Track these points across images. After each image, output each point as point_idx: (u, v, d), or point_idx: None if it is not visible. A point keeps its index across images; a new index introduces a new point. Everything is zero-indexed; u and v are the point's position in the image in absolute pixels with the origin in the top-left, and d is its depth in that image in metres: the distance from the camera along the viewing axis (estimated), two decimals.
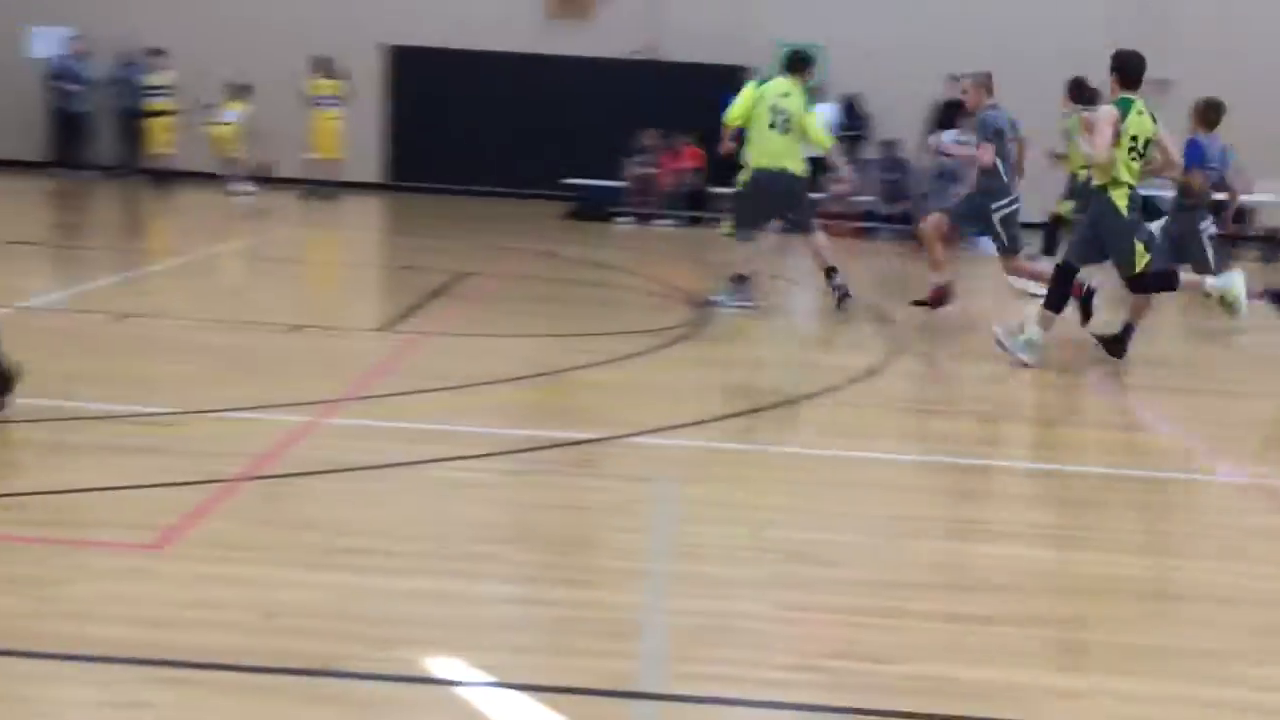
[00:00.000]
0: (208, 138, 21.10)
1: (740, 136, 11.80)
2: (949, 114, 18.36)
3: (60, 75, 21.60)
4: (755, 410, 8.03)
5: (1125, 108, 9.39)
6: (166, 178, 21.10)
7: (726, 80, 21.34)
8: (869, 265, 16.31)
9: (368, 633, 4.33)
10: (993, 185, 11.11)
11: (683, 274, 14.95)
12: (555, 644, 4.41)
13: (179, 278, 12.75)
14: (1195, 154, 10.69)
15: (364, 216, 20.37)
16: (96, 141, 22.39)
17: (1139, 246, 9.54)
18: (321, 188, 20.62)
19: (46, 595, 4.47)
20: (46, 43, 22.37)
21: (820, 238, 11.99)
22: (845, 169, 13.04)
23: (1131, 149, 9.38)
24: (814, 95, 21.50)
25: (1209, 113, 11.07)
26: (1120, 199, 9.42)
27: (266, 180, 20.87)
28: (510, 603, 4.81)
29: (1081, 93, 13.52)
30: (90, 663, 4.00)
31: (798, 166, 11.73)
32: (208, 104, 21.02)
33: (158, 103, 21.28)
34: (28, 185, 20.35)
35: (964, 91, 11.70)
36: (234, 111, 20.99)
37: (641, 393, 8.52)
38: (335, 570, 4.86)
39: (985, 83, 11.40)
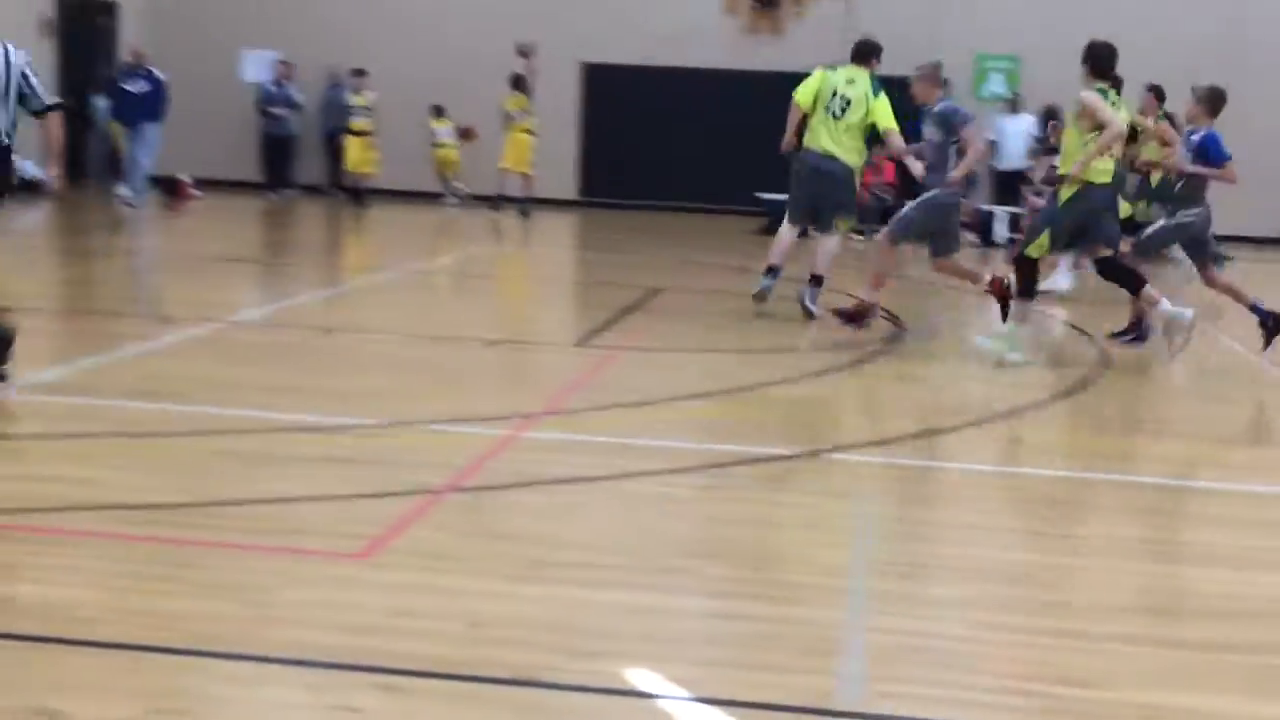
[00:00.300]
0: (432, 159, 21.78)
1: (801, 128, 11.44)
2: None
3: (266, 99, 22.36)
4: (953, 427, 7.91)
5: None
6: (367, 196, 21.69)
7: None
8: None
9: (569, 644, 4.37)
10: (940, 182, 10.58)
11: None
12: (752, 659, 4.39)
13: (381, 293, 13.08)
14: (1217, 148, 10.28)
15: (559, 232, 20.64)
16: (302, 162, 23.16)
17: (1044, 235, 9.62)
18: (517, 203, 20.97)
19: (257, 601, 4.61)
20: (256, 66, 23.19)
21: (830, 243, 11.53)
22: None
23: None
24: (1012, 106, 21.24)
25: (1217, 102, 10.58)
26: (1065, 190, 9.53)
27: (467, 196, 21.38)
28: (707, 617, 4.81)
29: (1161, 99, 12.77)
30: (300, 667, 4.11)
31: (851, 158, 11.34)
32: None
33: (359, 122, 21.88)
34: (239, 205, 21.11)
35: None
36: (445, 129, 21.51)
37: (836, 408, 8.47)
38: (536, 582, 4.92)
39: (932, 74, 10.93)
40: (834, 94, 11.25)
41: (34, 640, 4.18)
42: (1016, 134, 20.86)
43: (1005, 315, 10.24)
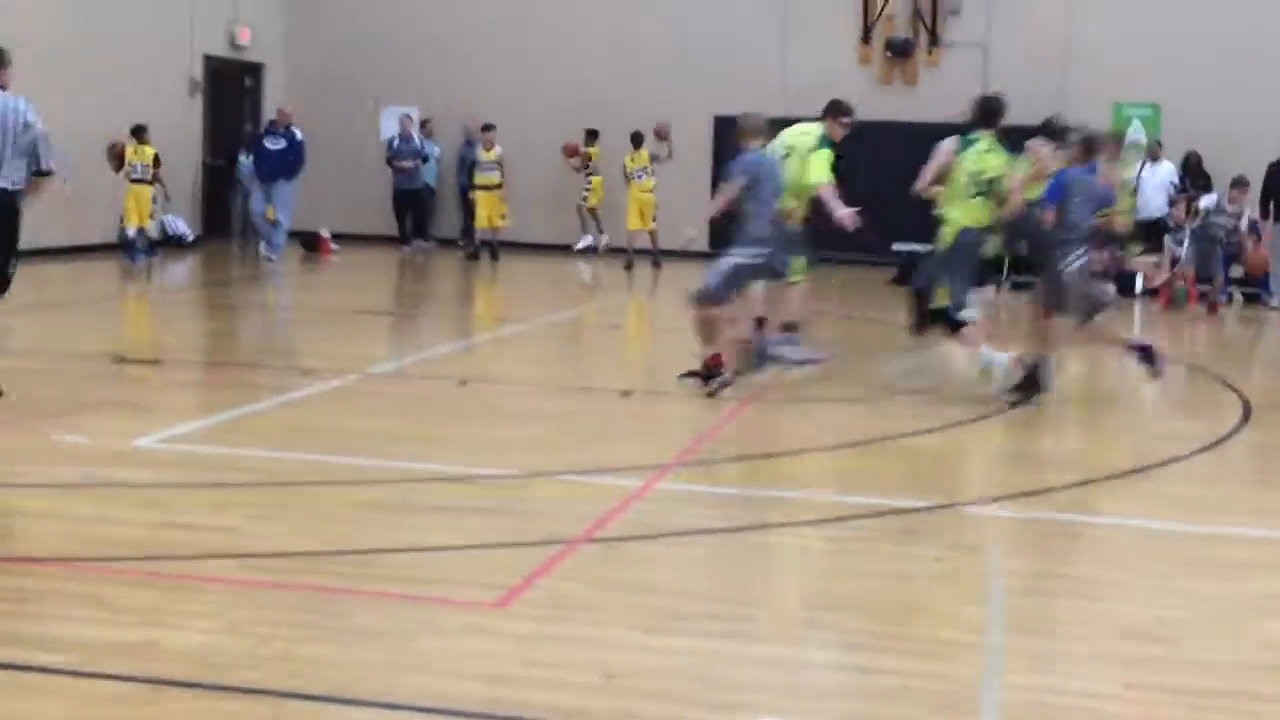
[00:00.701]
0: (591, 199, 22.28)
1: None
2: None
3: (392, 153, 22.73)
4: (1090, 480, 7.77)
5: (966, 145, 9.94)
6: (498, 248, 21.96)
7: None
8: (1207, 330, 15.61)
9: (704, 696, 4.37)
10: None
11: (1013, 339, 14.60)
12: (890, 713, 4.35)
13: (514, 344, 13.24)
14: (1053, 190, 10.18)
15: (691, 283, 20.64)
16: (439, 215, 23.60)
17: (942, 286, 9.96)
18: (649, 255, 21.15)
19: (396, 649, 4.68)
20: (394, 122, 23.69)
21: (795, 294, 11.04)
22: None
23: (971, 185, 9.85)
24: (1153, 154, 20.90)
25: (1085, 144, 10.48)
26: (949, 232, 9.92)
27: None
28: (843, 670, 4.78)
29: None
30: (438, 715, 4.16)
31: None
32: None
33: (487, 177, 22.14)
34: (377, 258, 21.51)
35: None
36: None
37: (970, 460, 8.38)
38: (671, 634, 4.93)
39: (749, 125, 10.49)
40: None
41: (176, 685, 4.28)
42: (1156, 183, 20.47)
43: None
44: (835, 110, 11.14)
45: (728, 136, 22.91)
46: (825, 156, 10.70)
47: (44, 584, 5.28)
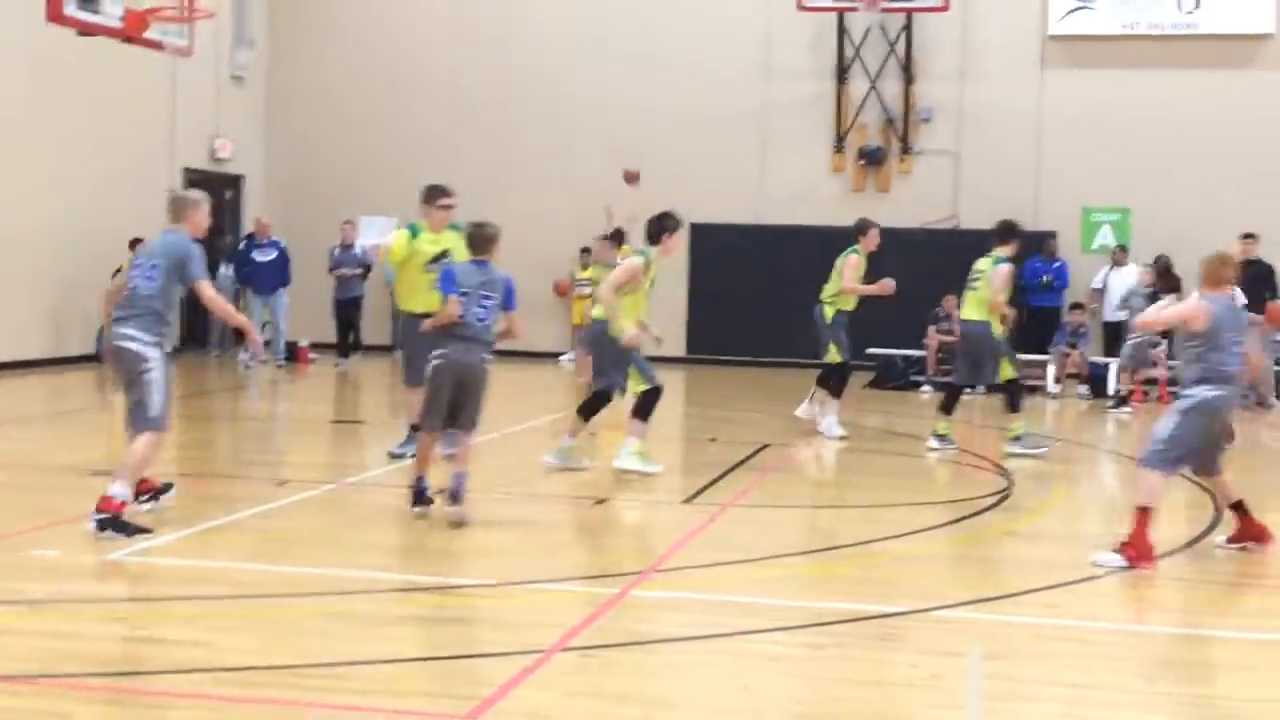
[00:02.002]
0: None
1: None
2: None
3: (334, 262, 22.10)
4: (1064, 584, 7.77)
5: (644, 255, 11.02)
6: None
7: (1028, 246, 21.19)
8: None
9: None
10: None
11: (988, 442, 14.68)
12: None
13: (487, 453, 13.21)
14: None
15: (668, 389, 20.72)
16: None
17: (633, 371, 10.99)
18: None
19: None
20: (370, 232, 23.84)
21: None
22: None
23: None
24: (1114, 260, 21.19)
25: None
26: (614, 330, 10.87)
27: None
28: None
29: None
30: None
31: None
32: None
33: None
34: (354, 368, 21.50)
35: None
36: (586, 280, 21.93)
37: (946, 565, 8.37)
38: None
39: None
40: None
41: None
42: (1124, 287, 20.75)
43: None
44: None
45: (705, 245, 23.29)
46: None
47: (12, 701, 5.23)
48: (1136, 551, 7.99)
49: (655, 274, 11.09)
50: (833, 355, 13.84)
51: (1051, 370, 20.42)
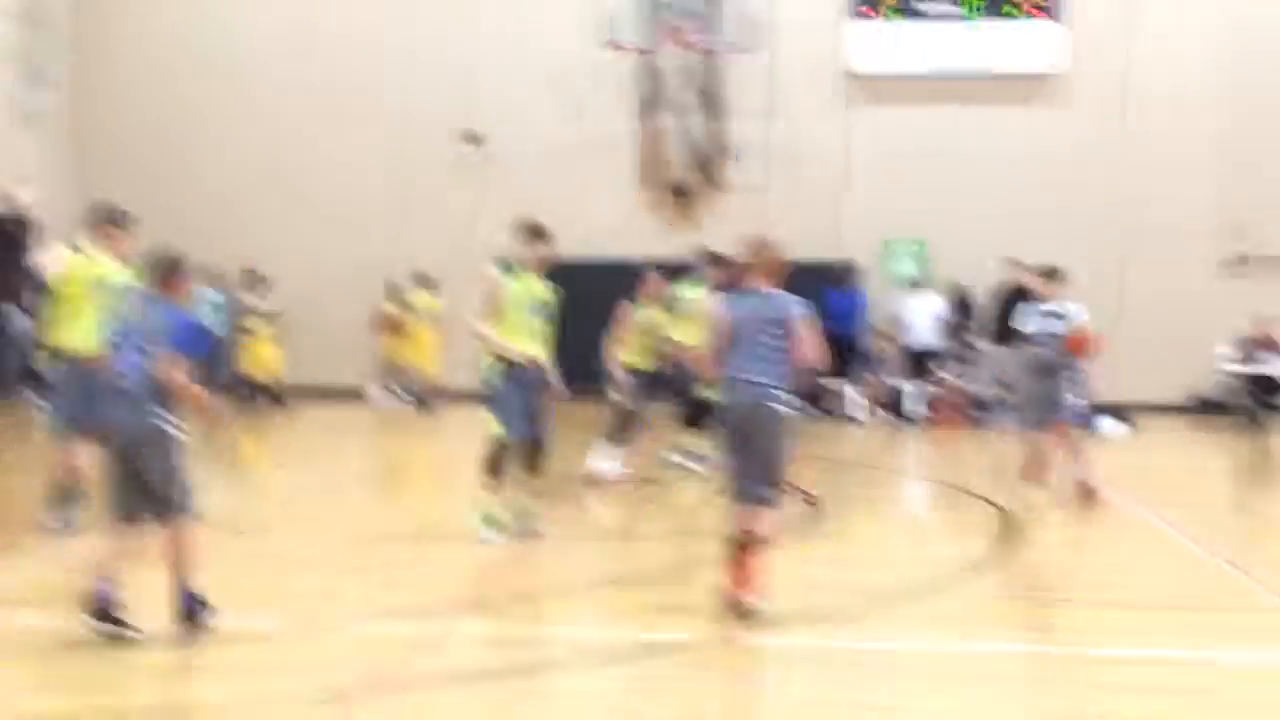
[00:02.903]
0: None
1: None
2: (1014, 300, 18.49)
3: None
4: (872, 605, 7.94)
5: (507, 270, 9.83)
6: (280, 394, 21.79)
7: (830, 278, 21.69)
8: (979, 453, 16.19)
9: None
10: None
11: (794, 468, 14.90)
12: None
13: (296, 493, 13.01)
14: None
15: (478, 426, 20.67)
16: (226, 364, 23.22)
17: (492, 417, 9.66)
18: (426, 399, 21.42)
19: None
20: None
21: None
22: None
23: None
24: (918, 287, 21.85)
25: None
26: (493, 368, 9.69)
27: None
28: None
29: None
30: None
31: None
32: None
33: (259, 323, 22.13)
34: None
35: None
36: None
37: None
38: None
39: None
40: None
41: None
42: (923, 313, 21.46)
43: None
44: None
45: None
46: None
47: None
48: None
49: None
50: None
51: (855, 395, 20.91)
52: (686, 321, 13.01)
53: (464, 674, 6.29)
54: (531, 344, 9.71)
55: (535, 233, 10.13)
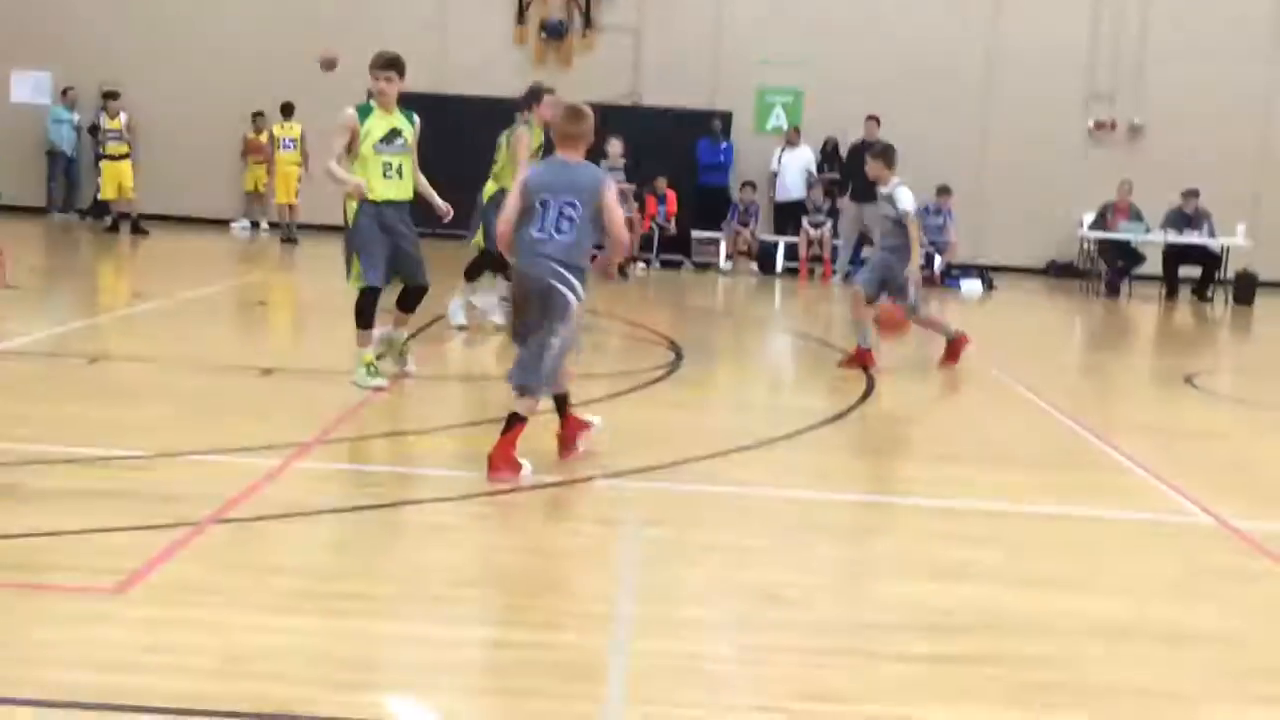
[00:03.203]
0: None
1: None
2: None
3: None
4: (725, 452, 8.02)
5: (365, 112, 9.25)
6: (139, 222, 21.18)
7: (703, 125, 21.58)
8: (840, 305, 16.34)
9: (332, 676, 4.30)
10: None
11: (661, 317, 14.97)
12: (518, 686, 4.38)
13: (150, 321, 12.72)
14: None
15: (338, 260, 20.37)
16: (81, 186, 22.64)
17: (354, 260, 9.23)
18: (287, 230, 20.96)
19: (4, 640, 4.43)
20: (25, 87, 22.51)
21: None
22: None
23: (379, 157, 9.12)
24: (789, 140, 21.86)
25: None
26: (352, 209, 9.19)
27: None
28: (475, 646, 4.78)
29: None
30: (48, 708, 3.96)
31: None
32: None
33: (115, 146, 21.32)
34: (7, 229, 20.31)
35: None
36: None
37: (614, 436, 8.50)
38: (301, 614, 4.83)
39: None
40: None
41: None
42: (796, 167, 21.43)
43: None
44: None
45: None
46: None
47: None
48: None
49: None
50: (478, 240, 12.27)
51: (724, 247, 20.97)
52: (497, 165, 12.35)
53: (311, 506, 6.22)
54: (390, 183, 9.22)
55: (390, 64, 9.45)
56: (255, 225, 22.69)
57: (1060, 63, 22.83)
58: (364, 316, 9.29)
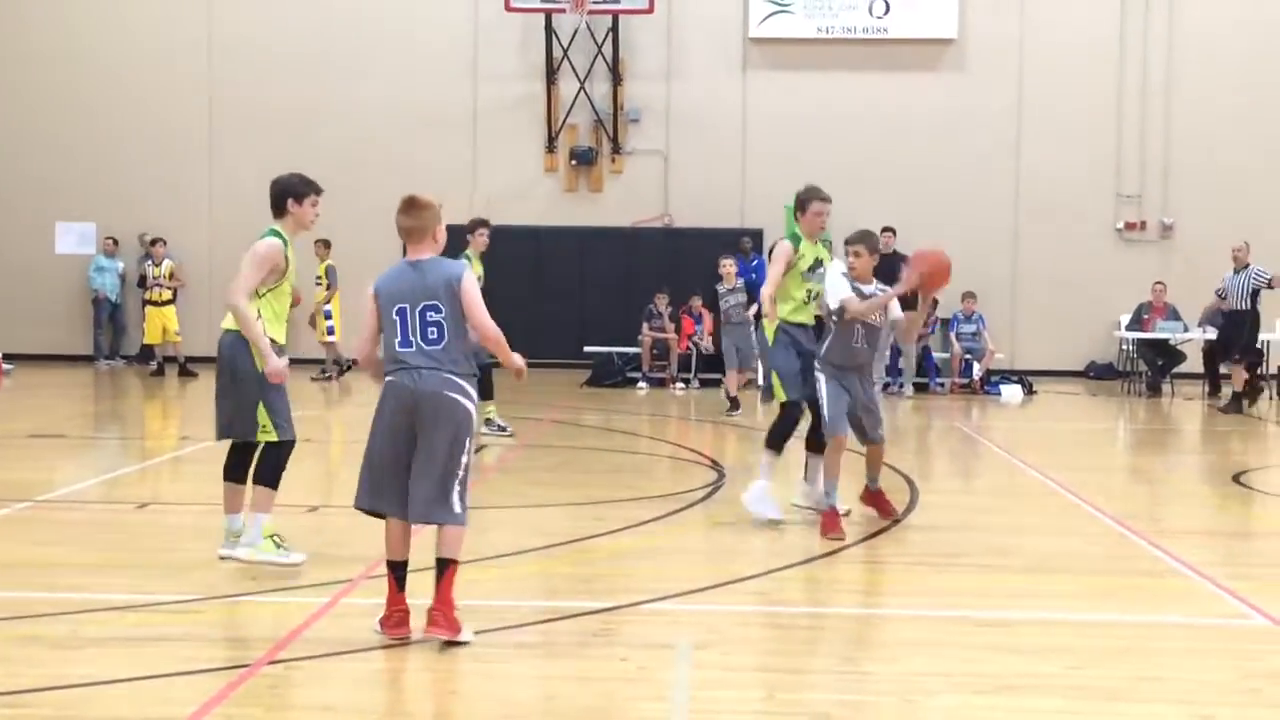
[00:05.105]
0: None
1: None
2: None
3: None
4: (772, 571, 8.00)
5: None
6: (184, 364, 21.49)
7: (734, 243, 21.77)
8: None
9: None
10: None
11: (702, 437, 15.01)
12: None
13: (197, 463, 12.83)
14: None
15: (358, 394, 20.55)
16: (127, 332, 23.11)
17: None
18: (344, 368, 21.18)
19: None
20: (70, 238, 23.05)
21: None
22: None
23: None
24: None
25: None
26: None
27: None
28: None
29: None
30: None
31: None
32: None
33: (158, 292, 21.79)
34: (56, 378, 20.59)
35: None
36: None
37: (658, 558, 8.51)
38: None
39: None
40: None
41: None
42: (833, 279, 21.54)
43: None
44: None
45: None
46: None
47: None
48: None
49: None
50: None
51: (761, 363, 21.01)
52: None
53: (360, 643, 6.23)
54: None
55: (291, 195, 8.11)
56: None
57: (1088, 165, 22.96)
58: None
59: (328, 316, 21.06)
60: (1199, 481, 13.10)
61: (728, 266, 17.97)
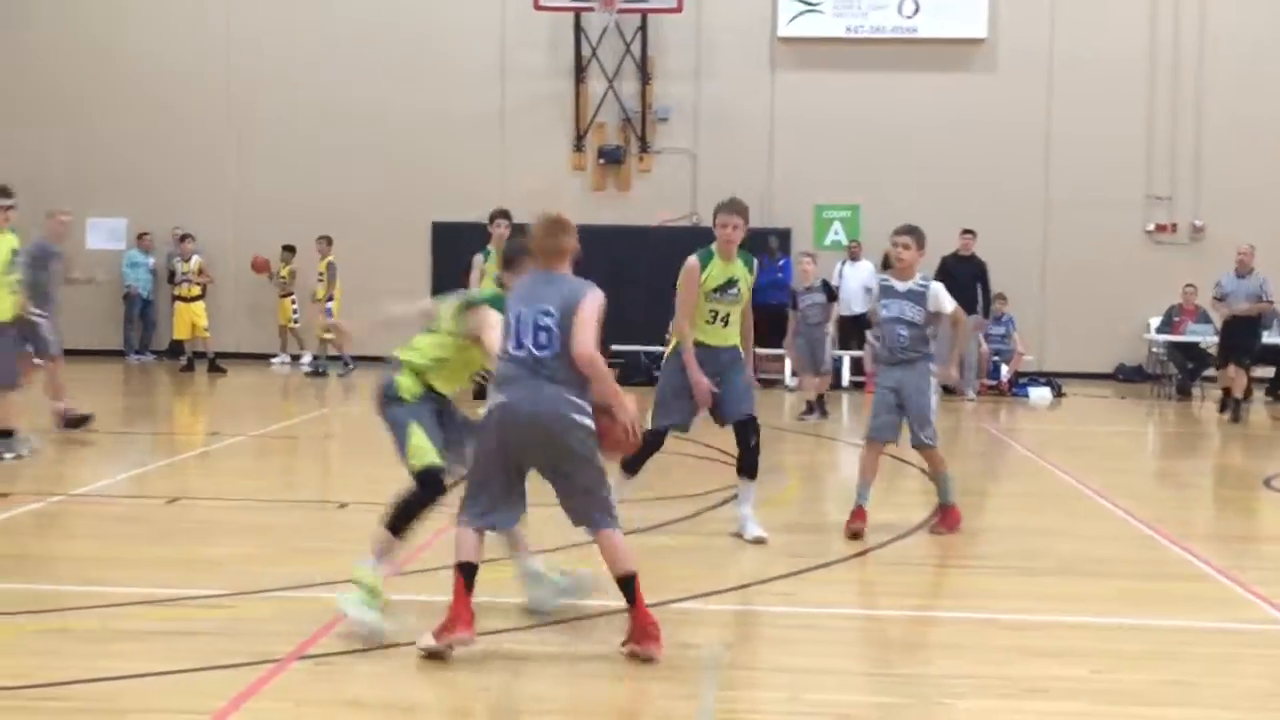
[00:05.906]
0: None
1: None
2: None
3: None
4: (800, 571, 8.00)
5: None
6: (213, 360, 21.62)
7: (761, 243, 21.76)
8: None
9: None
10: None
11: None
12: None
13: (226, 458, 12.90)
14: None
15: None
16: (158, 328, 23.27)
17: None
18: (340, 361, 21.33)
19: None
20: (101, 233, 23.14)
21: None
22: None
23: None
24: (851, 254, 21.95)
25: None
26: None
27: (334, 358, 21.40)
28: None
29: None
30: None
31: None
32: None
33: (186, 288, 21.99)
34: (87, 374, 20.69)
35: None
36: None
37: (685, 558, 8.51)
38: None
39: None
40: None
41: None
42: (857, 281, 21.48)
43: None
44: None
45: (445, 242, 23.21)
46: None
47: None
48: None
49: None
50: None
51: (789, 364, 20.99)
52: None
53: (390, 639, 6.25)
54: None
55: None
56: (295, 359, 23.04)
57: (1118, 166, 22.87)
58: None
59: (329, 314, 21.13)
60: (1229, 485, 13.04)
61: (806, 265, 17.70)
